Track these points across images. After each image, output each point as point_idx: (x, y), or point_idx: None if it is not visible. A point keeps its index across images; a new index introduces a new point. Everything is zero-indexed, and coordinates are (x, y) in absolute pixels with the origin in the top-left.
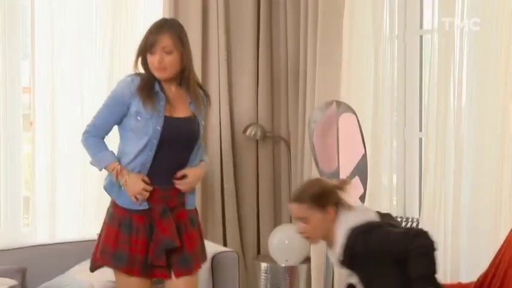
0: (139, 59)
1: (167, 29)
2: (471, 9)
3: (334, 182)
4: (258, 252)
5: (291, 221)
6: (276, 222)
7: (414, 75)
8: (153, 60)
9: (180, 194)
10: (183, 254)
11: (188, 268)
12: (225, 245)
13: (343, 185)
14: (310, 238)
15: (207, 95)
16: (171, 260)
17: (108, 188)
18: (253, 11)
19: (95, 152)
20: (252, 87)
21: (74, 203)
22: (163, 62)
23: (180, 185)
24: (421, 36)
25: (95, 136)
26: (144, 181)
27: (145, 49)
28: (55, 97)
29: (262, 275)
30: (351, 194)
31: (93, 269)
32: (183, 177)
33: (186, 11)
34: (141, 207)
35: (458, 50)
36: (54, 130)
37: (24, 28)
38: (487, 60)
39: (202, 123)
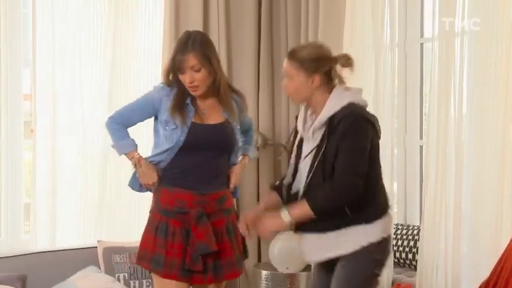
0: (171, 75)
1: (192, 48)
2: (471, 10)
3: (336, 55)
4: (259, 259)
5: (291, 229)
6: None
7: (415, 83)
8: (184, 79)
9: (220, 199)
10: (217, 262)
11: (220, 276)
12: None
13: (344, 59)
14: (291, 97)
15: (241, 97)
16: (207, 265)
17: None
18: (254, 18)
19: (118, 139)
20: (253, 95)
21: (74, 210)
22: (194, 81)
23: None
24: (421, 45)
25: (118, 123)
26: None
27: (175, 68)
28: (56, 104)
29: (263, 283)
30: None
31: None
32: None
33: (186, 17)
34: (146, 191)
35: (459, 58)
36: (55, 137)
37: (26, 35)
38: (487, 67)
39: (238, 127)
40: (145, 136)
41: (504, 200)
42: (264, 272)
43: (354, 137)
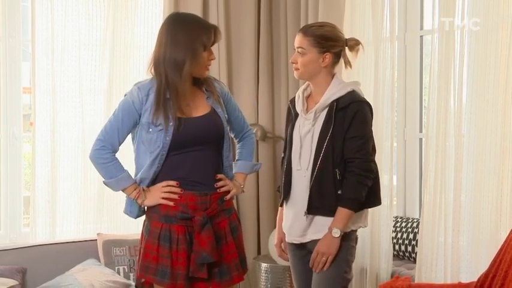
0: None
1: (214, 25)
2: (471, 9)
3: (346, 38)
4: (258, 252)
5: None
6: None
7: (414, 75)
8: (208, 56)
9: (221, 199)
10: (223, 266)
11: (226, 280)
12: None
13: (352, 42)
14: (298, 72)
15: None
16: (211, 271)
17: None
18: (253, 13)
19: (116, 172)
20: (252, 88)
21: (74, 203)
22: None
23: (223, 188)
24: (421, 37)
25: (107, 150)
26: (169, 185)
27: (204, 49)
28: (55, 97)
29: (263, 275)
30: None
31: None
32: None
33: (185, 11)
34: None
35: (459, 51)
36: (54, 130)
37: (25, 29)
38: (487, 60)
39: (226, 116)
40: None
41: (504, 193)
42: (263, 265)
43: (366, 125)
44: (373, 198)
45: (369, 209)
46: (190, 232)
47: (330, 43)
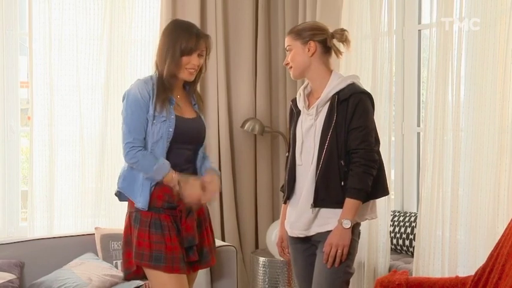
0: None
1: (203, 34)
2: (470, 9)
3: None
4: (256, 246)
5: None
6: (274, 216)
7: (412, 70)
8: (189, 61)
9: None
10: (203, 249)
11: (206, 262)
12: (223, 239)
13: (339, 32)
14: (291, 70)
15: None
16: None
17: (127, 189)
18: (251, 5)
19: (150, 165)
20: (250, 82)
21: (71, 197)
22: (199, 64)
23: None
24: (419, 31)
25: (136, 149)
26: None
27: (182, 52)
28: (53, 92)
29: (261, 269)
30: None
31: (127, 277)
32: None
33: (183, 4)
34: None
35: (457, 45)
36: (52, 124)
37: (22, 23)
38: (485, 55)
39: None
40: None
41: (501, 187)
42: (261, 259)
43: (368, 115)
44: (376, 189)
45: (376, 201)
46: (177, 221)
47: (310, 32)
